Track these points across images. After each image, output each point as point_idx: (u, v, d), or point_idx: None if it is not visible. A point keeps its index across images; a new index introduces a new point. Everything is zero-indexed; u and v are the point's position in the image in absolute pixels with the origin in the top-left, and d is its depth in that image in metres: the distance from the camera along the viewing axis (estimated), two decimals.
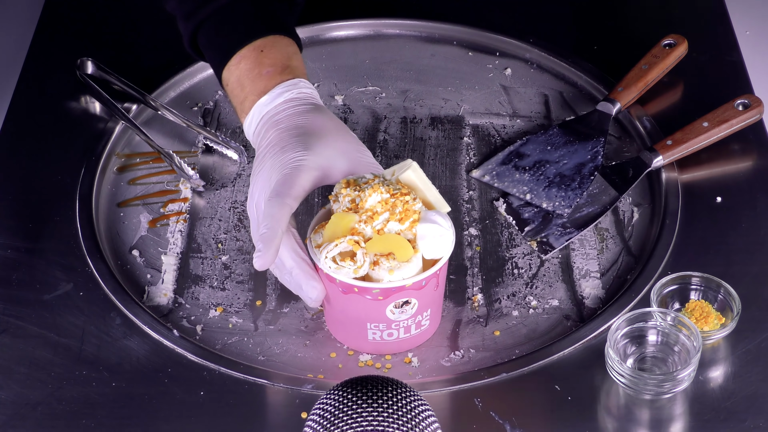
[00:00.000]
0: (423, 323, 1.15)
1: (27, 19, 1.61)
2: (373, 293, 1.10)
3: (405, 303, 1.12)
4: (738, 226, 1.26)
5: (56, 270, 1.23)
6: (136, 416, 1.11)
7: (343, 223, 1.10)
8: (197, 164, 1.36)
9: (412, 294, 1.11)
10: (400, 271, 1.09)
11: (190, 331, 1.19)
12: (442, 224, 1.10)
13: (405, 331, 1.15)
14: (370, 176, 1.13)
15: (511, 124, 1.41)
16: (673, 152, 1.31)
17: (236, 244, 1.28)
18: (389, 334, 1.14)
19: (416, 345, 1.17)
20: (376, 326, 1.14)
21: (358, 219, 1.10)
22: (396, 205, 1.10)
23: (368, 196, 1.10)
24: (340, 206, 1.11)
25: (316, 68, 1.48)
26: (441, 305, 1.19)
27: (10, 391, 1.13)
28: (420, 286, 1.11)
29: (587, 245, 1.27)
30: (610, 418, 1.11)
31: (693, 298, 1.18)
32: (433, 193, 1.14)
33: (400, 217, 1.10)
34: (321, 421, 0.98)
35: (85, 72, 1.42)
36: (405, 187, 1.12)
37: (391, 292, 1.10)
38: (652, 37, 1.44)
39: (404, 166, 1.13)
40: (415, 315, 1.14)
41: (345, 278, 1.09)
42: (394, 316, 1.13)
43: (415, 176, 1.13)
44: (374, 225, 1.10)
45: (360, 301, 1.11)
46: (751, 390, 1.12)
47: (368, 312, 1.12)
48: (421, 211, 1.11)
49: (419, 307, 1.13)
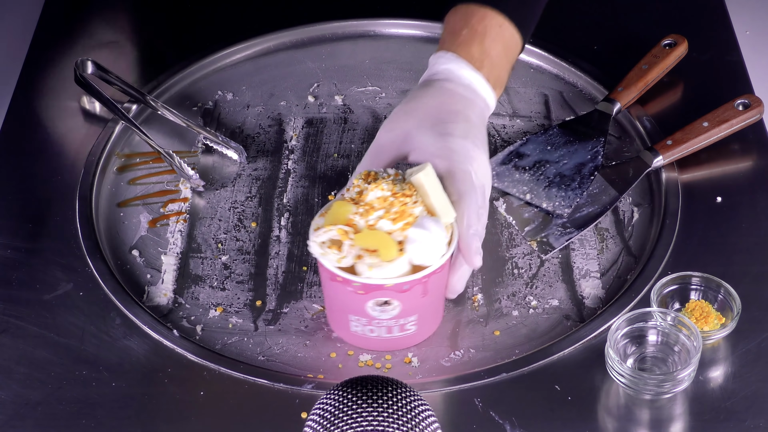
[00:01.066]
0: (408, 328, 1.15)
1: (27, 19, 1.61)
2: (354, 286, 1.10)
3: (385, 303, 1.12)
4: (738, 226, 1.26)
5: (56, 270, 1.23)
6: (136, 416, 1.11)
7: (341, 211, 1.11)
8: (197, 164, 1.36)
9: (393, 295, 1.11)
10: (380, 269, 1.09)
11: (190, 331, 1.19)
12: (434, 232, 1.10)
13: (387, 331, 1.15)
14: (392, 172, 1.13)
15: (511, 124, 1.41)
16: (673, 152, 1.31)
17: (236, 244, 1.28)
18: (371, 330, 1.14)
19: (400, 347, 1.17)
20: (357, 319, 1.14)
21: (354, 210, 1.10)
22: (393, 205, 1.10)
23: (370, 190, 1.10)
24: (348, 195, 1.12)
25: (316, 68, 1.48)
26: (435, 314, 1.18)
27: (10, 391, 1.13)
28: (402, 289, 1.11)
29: (587, 245, 1.27)
30: (610, 418, 1.11)
31: (693, 298, 1.18)
32: (440, 200, 1.13)
33: (393, 217, 1.10)
34: (321, 421, 0.98)
35: (85, 72, 1.42)
36: (411, 188, 1.12)
37: (370, 289, 1.10)
38: (652, 37, 1.44)
39: (420, 168, 1.13)
40: (398, 317, 1.13)
41: (329, 265, 1.10)
42: (374, 313, 1.13)
43: (425, 180, 1.12)
44: (368, 219, 1.10)
45: (342, 291, 1.12)
46: (751, 390, 1.12)
47: (350, 303, 1.13)
48: (420, 215, 1.11)
49: (402, 310, 1.13)
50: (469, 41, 1.23)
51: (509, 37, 1.24)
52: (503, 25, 1.23)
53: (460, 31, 1.23)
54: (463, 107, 1.20)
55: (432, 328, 1.18)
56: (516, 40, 1.25)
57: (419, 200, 1.12)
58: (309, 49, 1.50)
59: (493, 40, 1.23)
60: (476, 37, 1.23)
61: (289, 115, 1.42)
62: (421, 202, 1.12)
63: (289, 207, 1.32)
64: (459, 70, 1.22)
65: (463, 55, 1.22)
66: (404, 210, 1.10)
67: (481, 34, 1.23)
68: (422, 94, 1.21)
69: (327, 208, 1.14)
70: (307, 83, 1.46)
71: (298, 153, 1.38)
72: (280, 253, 1.27)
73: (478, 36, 1.23)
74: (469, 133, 1.18)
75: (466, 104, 1.20)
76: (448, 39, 1.24)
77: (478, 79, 1.22)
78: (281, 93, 1.45)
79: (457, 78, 1.22)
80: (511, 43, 1.24)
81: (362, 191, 1.11)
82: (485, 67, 1.22)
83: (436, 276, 1.12)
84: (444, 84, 1.21)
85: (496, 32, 1.23)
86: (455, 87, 1.21)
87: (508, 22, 1.23)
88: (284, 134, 1.40)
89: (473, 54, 1.22)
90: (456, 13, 1.25)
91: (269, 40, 1.50)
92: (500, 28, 1.23)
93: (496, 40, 1.23)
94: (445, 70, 1.22)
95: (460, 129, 1.18)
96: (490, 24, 1.23)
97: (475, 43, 1.22)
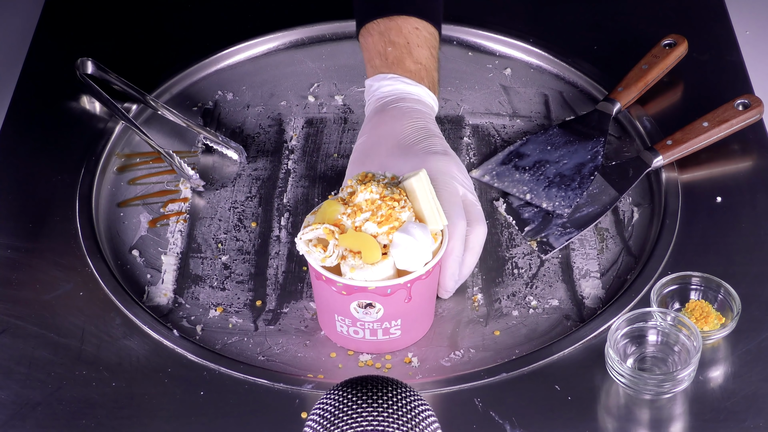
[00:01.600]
0: (393, 332, 1.15)
1: (27, 19, 1.61)
2: (337, 286, 1.11)
3: (369, 305, 1.12)
4: (738, 226, 1.26)
5: (56, 270, 1.23)
6: (136, 416, 1.11)
7: (330, 210, 1.11)
8: (197, 164, 1.36)
9: (375, 298, 1.11)
10: (362, 271, 1.09)
11: (190, 331, 1.19)
12: (419, 238, 1.09)
13: (371, 333, 1.15)
14: (389, 175, 1.15)
15: (511, 124, 1.41)
16: (673, 152, 1.31)
17: (236, 244, 1.28)
18: (355, 331, 1.15)
19: (386, 351, 1.17)
20: (342, 319, 1.14)
21: (343, 211, 1.10)
22: (380, 208, 1.10)
23: (359, 191, 1.11)
24: (341, 195, 1.13)
25: (316, 68, 1.48)
26: (421, 321, 1.17)
27: (10, 391, 1.13)
28: (385, 292, 1.11)
29: (587, 245, 1.27)
30: (610, 418, 1.11)
31: (693, 298, 1.18)
32: (430, 206, 1.13)
33: (379, 220, 1.10)
34: (321, 421, 0.98)
35: (85, 72, 1.42)
36: (401, 193, 1.12)
37: (353, 290, 1.11)
38: (652, 37, 1.44)
39: (413, 173, 1.13)
40: (381, 321, 1.13)
41: (313, 263, 1.11)
42: (358, 315, 1.13)
43: (416, 186, 1.12)
44: (355, 221, 1.10)
45: (327, 290, 1.12)
46: (751, 390, 1.12)
47: (335, 303, 1.13)
48: (407, 221, 1.11)
49: (386, 314, 1.13)
50: (400, 58, 1.27)
51: (428, 35, 1.29)
52: (419, 26, 1.28)
53: (385, 49, 1.28)
54: (425, 123, 1.25)
55: (419, 334, 1.18)
56: (433, 33, 1.30)
57: (408, 205, 1.11)
58: (309, 49, 1.50)
59: (418, 46, 1.28)
60: (403, 51, 1.27)
61: (289, 115, 1.42)
62: (410, 208, 1.12)
63: (289, 207, 1.32)
64: (405, 88, 1.26)
65: (401, 74, 1.27)
66: (391, 214, 1.10)
67: (406, 47, 1.27)
68: (383, 120, 1.25)
69: (320, 207, 1.14)
70: (307, 83, 1.46)
71: (298, 153, 1.38)
72: (280, 253, 1.27)
73: (405, 49, 1.27)
74: (442, 146, 1.23)
75: (424, 118, 1.25)
76: (377, 60, 1.29)
77: (423, 91, 1.27)
78: (281, 93, 1.45)
79: (407, 95, 1.26)
80: (432, 40, 1.30)
81: (354, 192, 1.11)
82: (425, 78, 1.28)
83: (420, 282, 1.12)
84: (399, 105, 1.26)
85: (416, 37, 1.28)
86: (410, 105, 1.26)
87: (421, 21, 1.28)
88: (284, 134, 1.40)
89: (409, 68, 1.27)
90: (370, 33, 1.30)
91: (269, 40, 1.50)
92: (418, 31, 1.28)
93: (421, 46, 1.28)
94: (392, 91, 1.27)
95: (435, 145, 1.22)
96: (408, 32, 1.28)
97: (405, 57, 1.27)
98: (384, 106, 1.26)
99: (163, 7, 1.57)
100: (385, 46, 1.28)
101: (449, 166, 1.20)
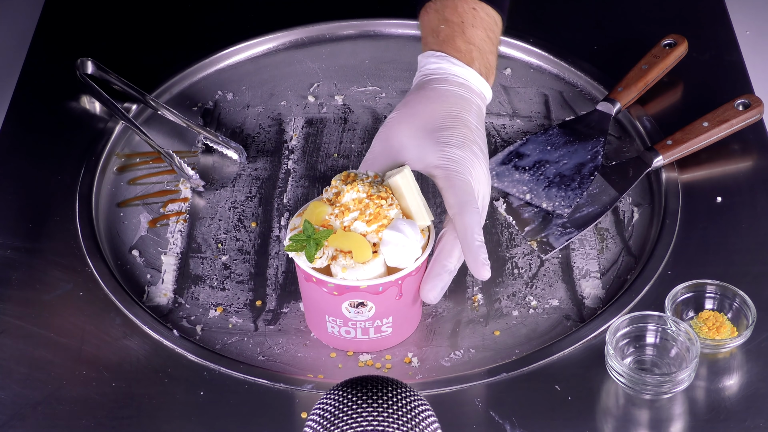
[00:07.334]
0: (384, 330, 1.15)
1: (27, 19, 1.61)
2: (329, 287, 1.11)
3: (360, 304, 1.12)
4: (738, 226, 1.26)
5: (56, 270, 1.23)
6: (136, 416, 1.11)
7: (317, 211, 1.11)
8: (197, 164, 1.36)
9: (367, 297, 1.11)
10: (354, 270, 1.09)
11: (190, 331, 1.19)
12: (408, 235, 1.10)
13: (363, 332, 1.15)
14: (372, 174, 1.13)
15: (511, 124, 1.41)
16: (673, 152, 1.31)
17: (236, 244, 1.28)
18: (347, 331, 1.15)
19: (378, 349, 1.17)
20: (333, 320, 1.14)
21: (330, 211, 1.10)
22: (368, 207, 1.10)
23: (346, 191, 1.11)
24: (326, 195, 1.13)
25: (316, 68, 1.48)
26: (412, 317, 1.18)
27: (10, 391, 1.13)
28: (376, 291, 1.11)
29: (587, 245, 1.27)
30: (610, 418, 1.11)
31: (708, 307, 1.17)
32: (416, 202, 1.13)
33: (368, 219, 1.10)
34: (321, 421, 0.98)
35: (85, 72, 1.42)
36: (387, 191, 1.12)
37: (344, 290, 1.11)
38: (652, 37, 1.44)
39: (398, 171, 1.13)
40: (373, 319, 1.14)
41: (303, 265, 1.11)
42: (350, 314, 1.13)
43: (402, 183, 1.12)
44: (343, 221, 1.10)
45: (318, 291, 1.12)
46: (751, 390, 1.12)
47: (325, 304, 1.13)
48: (395, 218, 1.11)
49: (377, 312, 1.13)
50: (451, 36, 1.22)
51: (486, 17, 1.23)
52: (477, 6, 1.22)
53: (438, 27, 1.22)
54: (460, 110, 1.19)
55: (409, 330, 1.18)
56: (494, 17, 1.24)
57: (395, 203, 1.12)
58: (309, 49, 1.50)
59: (472, 26, 1.22)
60: (456, 29, 1.22)
61: (289, 115, 1.42)
62: (397, 205, 1.12)
63: (289, 207, 1.32)
64: (450, 68, 1.21)
65: (449, 52, 1.21)
66: (379, 212, 1.10)
67: (459, 25, 1.22)
68: (417, 99, 1.20)
69: (304, 208, 1.14)
70: (307, 83, 1.46)
71: (298, 153, 1.38)
72: (280, 253, 1.27)
73: (458, 27, 1.22)
74: (467, 139, 1.17)
75: (463, 106, 1.20)
76: (430, 38, 1.23)
77: (471, 74, 1.21)
78: (281, 93, 1.45)
79: (451, 77, 1.21)
80: (490, 23, 1.24)
81: (339, 192, 1.11)
82: (475, 60, 1.21)
83: (411, 278, 1.13)
84: (438, 86, 1.20)
85: (473, 17, 1.22)
86: (450, 88, 1.20)
87: (480, 2, 1.23)
88: (284, 134, 1.40)
89: (459, 48, 1.21)
90: (429, 10, 1.25)
91: (269, 40, 1.50)
92: (475, 12, 1.23)
93: (475, 26, 1.22)
94: (436, 69, 1.22)
95: (458, 136, 1.17)
96: (464, 11, 1.22)
97: (457, 35, 1.21)
98: (425, 84, 1.21)
99: (163, 7, 1.57)
100: (438, 23, 1.23)
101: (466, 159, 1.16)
